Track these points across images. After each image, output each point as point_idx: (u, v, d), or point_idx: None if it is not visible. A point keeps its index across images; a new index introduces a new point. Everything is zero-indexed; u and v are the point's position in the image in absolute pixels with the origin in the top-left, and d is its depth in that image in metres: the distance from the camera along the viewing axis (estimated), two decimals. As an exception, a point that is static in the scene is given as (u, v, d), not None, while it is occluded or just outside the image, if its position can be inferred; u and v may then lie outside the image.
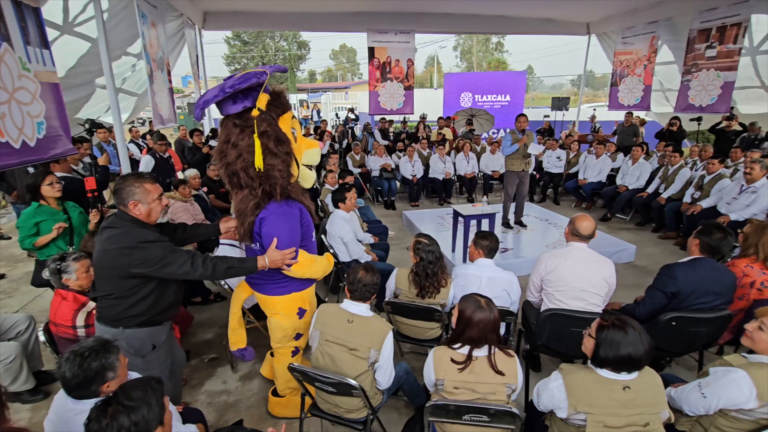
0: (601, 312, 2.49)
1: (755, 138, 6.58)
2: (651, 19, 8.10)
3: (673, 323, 2.34)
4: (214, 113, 10.68)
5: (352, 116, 9.98)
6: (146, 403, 1.16)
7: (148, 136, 7.20)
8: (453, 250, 4.86)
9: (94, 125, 3.49)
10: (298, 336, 2.35)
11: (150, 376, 1.33)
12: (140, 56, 5.79)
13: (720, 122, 7.06)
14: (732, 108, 7.09)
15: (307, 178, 2.24)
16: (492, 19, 9.12)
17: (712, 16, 6.81)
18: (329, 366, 1.96)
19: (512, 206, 5.61)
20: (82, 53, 5.18)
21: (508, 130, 5.32)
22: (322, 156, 6.06)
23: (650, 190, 6.04)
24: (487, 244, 2.58)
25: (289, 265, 2.07)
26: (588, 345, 1.64)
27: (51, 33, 4.52)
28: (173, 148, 7.92)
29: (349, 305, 2.02)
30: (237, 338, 2.37)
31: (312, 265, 2.18)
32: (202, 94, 8.28)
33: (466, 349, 1.73)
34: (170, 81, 6.32)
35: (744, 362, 1.65)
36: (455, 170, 7.65)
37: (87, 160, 4.36)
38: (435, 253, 2.44)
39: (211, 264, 1.90)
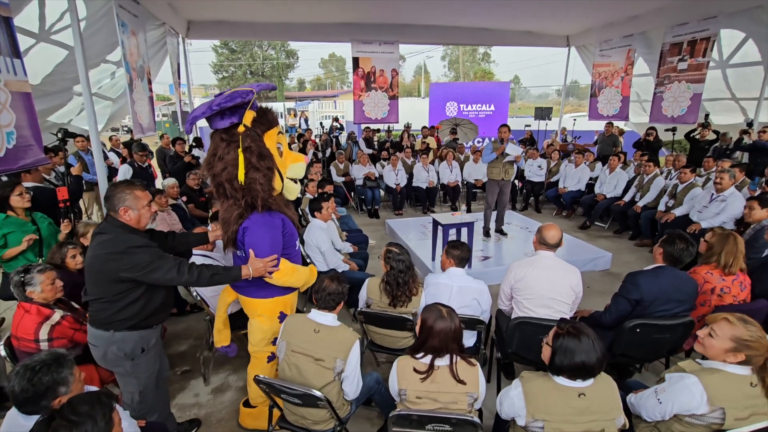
0: (568, 319, 2.53)
1: (726, 148, 6.80)
2: (627, 33, 8.37)
3: (638, 330, 2.39)
4: (199, 123, 10.68)
5: (337, 125, 10.02)
6: (91, 418, 1.14)
7: (121, 146, 7.11)
8: (433, 259, 4.88)
9: (67, 134, 3.45)
10: (275, 341, 2.37)
11: (101, 390, 1.31)
12: (120, 64, 5.75)
13: (695, 129, 7.27)
14: (707, 116, 7.32)
15: (292, 191, 2.33)
16: (474, 31, 9.30)
17: (683, 31, 7.07)
18: (295, 377, 1.96)
19: (493, 215, 5.68)
20: (59, 61, 5.14)
21: (492, 139, 5.41)
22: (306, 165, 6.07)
23: (627, 198, 6.18)
24: (458, 254, 2.61)
25: (270, 273, 2.13)
26: (545, 353, 1.67)
27: (27, 41, 4.50)
28: (155, 156, 7.87)
29: (316, 315, 2.03)
30: (221, 337, 2.49)
31: (293, 274, 2.25)
32: (182, 102, 8.20)
33: (428, 359, 1.74)
34: (151, 90, 6.29)
35: (697, 368, 1.70)
36: (438, 179, 7.72)
37: (61, 169, 4.30)
38: (405, 262, 2.46)
39: (197, 271, 1.96)
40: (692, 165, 5.62)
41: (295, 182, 2.34)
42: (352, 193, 7.69)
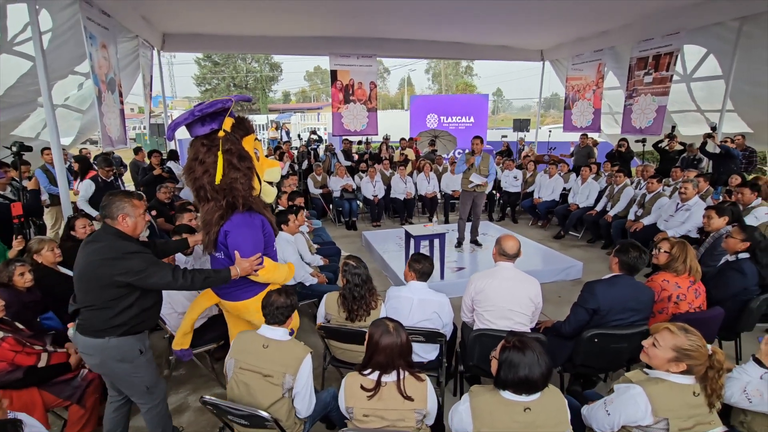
0: (528, 331, 2.53)
1: (694, 158, 7.00)
2: (597, 48, 8.63)
3: (595, 340, 2.40)
4: (179, 135, 10.58)
5: (315, 137, 10.01)
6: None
7: (72, 160, 6.89)
8: (407, 271, 4.85)
9: (22, 148, 3.35)
10: None
11: (10, 420, 1.24)
12: (89, 75, 5.66)
13: (662, 140, 7.49)
14: (673, 127, 7.55)
15: (269, 194, 2.49)
16: (450, 46, 9.47)
17: (648, 46, 7.32)
18: (243, 395, 1.89)
19: (468, 226, 5.71)
20: (23, 72, 5.04)
21: (465, 151, 5.47)
22: (281, 177, 6.02)
23: (598, 208, 6.29)
24: (420, 268, 2.59)
25: (256, 271, 2.27)
26: (493, 366, 1.65)
27: (-13, 52, 4.39)
28: (129, 169, 7.72)
29: (266, 330, 1.97)
30: (184, 340, 2.53)
31: (275, 271, 2.39)
32: (151, 114, 8.07)
33: (375, 375, 1.71)
34: (122, 102, 6.19)
35: (643, 378, 1.70)
36: (416, 190, 7.74)
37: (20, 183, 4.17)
38: (361, 276, 2.42)
39: (191, 276, 2.04)
40: (659, 175, 5.77)
41: (272, 185, 2.52)
42: (331, 206, 7.65)
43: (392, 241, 6.11)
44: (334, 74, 9.07)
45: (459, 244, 5.69)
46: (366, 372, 1.72)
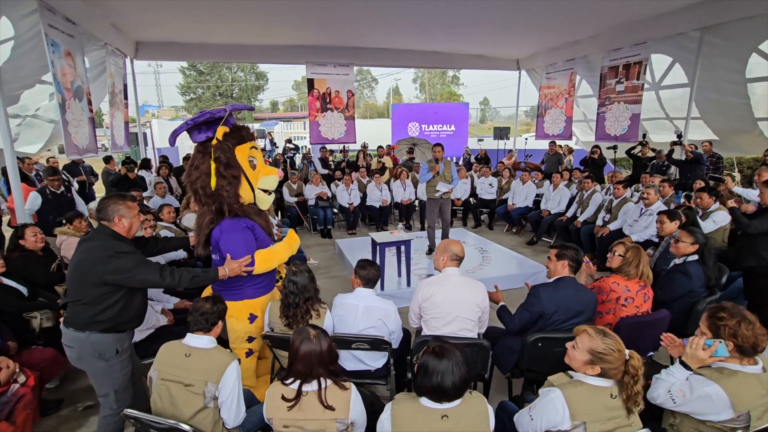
0: (475, 336, 2.52)
1: (662, 164, 7.14)
2: (569, 57, 8.80)
3: (539, 344, 2.40)
4: (158, 145, 10.51)
5: (291, 146, 9.99)
6: None
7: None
8: (374, 278, 4.82)
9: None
10: (250, 339, 2.61)
11: None
12: (56, 85, 5.58)
13: (635, 146, 7.64)
14: (645, 135, 7.70)
15: (264, 201, 2.61)
16: (427, 55, 9.58)
17: (618, 55, 7.50)
18: (167, 408, 1.84)
19: (438, 233, 5.71)
20: (-16, 81, 4.93)
21: (426, 160, 5.49)
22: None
23: (569, 214, 6.35)
24: (365, 274, 2.56)
25: (249, 271, 2.36)
26: (415, 371, 1.63)
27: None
28: (101, 178, 7.59)
29: (191, 339, 1.93)
30: None
31: (271, 258, 2.49)
32: (120, 123, 7.85)
33: (296, 385, 1.67)
34: (91, 110, 6.11)
35: (565, 381, 1.69)
36: (392, 197, 7.74)
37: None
38: (297, 284, 2.37)
39: (178, 275, 2.13)
40: (626, 181, 5.85)
41: (269, 194, 2.62)
42: (307, 214, 7.61)
43: (366, 249, 6.06)
44: (310, 83, 9.10)
45: (430, 251, 5.69)
46: (288, 381, 1.69)
